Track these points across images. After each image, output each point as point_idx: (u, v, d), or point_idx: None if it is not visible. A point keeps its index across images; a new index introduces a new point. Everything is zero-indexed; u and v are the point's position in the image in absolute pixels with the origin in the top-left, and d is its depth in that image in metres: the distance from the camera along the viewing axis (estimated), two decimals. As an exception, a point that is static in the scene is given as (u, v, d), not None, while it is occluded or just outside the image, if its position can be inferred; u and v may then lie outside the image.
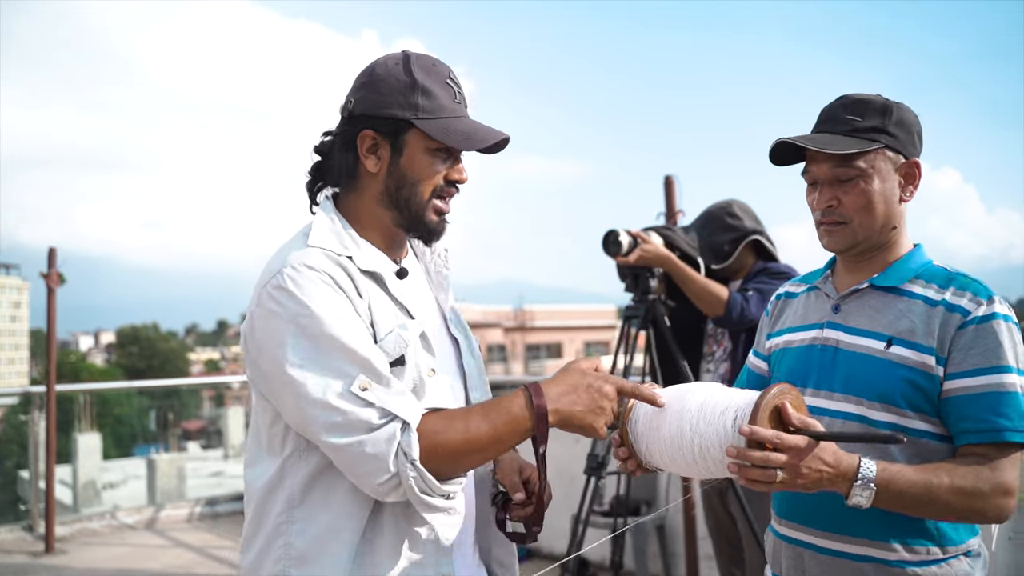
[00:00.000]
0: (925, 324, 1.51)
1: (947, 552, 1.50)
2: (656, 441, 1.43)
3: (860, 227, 1.57)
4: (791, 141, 1.59)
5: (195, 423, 23.94)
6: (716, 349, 3.25)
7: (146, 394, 12.13)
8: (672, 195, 4.34)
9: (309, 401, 1.30)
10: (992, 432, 1.44)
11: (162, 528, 6.92)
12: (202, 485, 8.67)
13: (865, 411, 1.53)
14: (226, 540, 6.48)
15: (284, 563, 1.39)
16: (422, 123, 1.43)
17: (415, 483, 1.29)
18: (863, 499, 1.37)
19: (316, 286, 1.35)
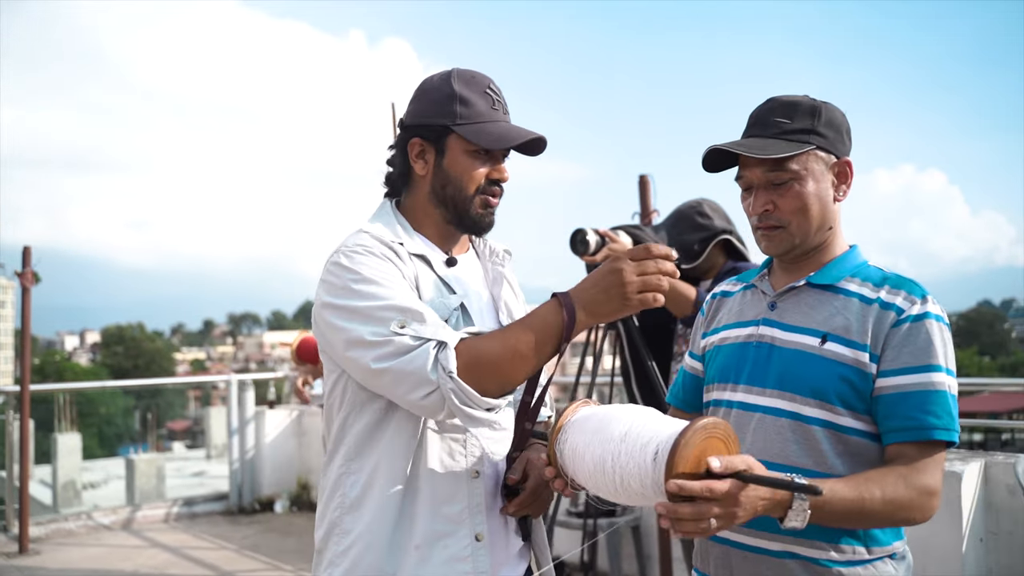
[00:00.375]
0: (860, 322, 1.53)
1: (872, 553, 1.51)
2: (581, 467, 1.41)
3: (797, 230, 1.58)
4: (722, 148, 1.59)
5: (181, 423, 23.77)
6: (685, 349, 3.23)
7: (131, 394, 12.08)
8: (647, 195, 4.33)
9: (356, 342, 1.47)
10: (920, 430, 1.46)
11: (138, 528, 6.87)
12: (182, 485, 8.65)
13: (798, 407, 1.53)
14: (202, 540, 6.44)
15: (339, 511, 1.57)
16: (459, 128, 1.61)
17: (454, 395, 1.41)
18: (798, 523, 1.35)
19: (366, 257, 1.55)
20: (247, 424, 7.74)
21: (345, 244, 1.60)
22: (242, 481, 7.61)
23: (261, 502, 7.54)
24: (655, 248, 1.45)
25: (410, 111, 1.69)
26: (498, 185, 1.67)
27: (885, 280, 1.57)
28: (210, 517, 7.33)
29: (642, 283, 1.43)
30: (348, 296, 1.51)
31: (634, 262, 1.44)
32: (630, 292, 1.43)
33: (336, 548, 1.57)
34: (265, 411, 7.80)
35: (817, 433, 1.52)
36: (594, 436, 1.40)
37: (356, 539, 1.54)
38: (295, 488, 7.67)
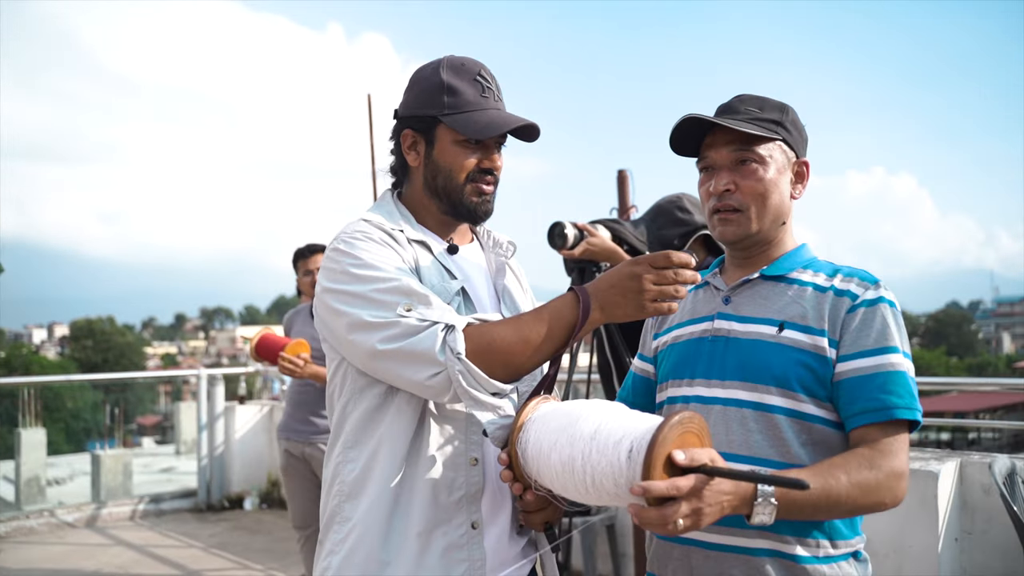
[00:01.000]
0: (816, 309, 1.54)
1: (837, 547, 1.50)
2: (547, 467, 1.35)
3: (756, 216, 1.59)
4: (697, 116, 1.58)
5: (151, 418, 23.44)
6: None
7: (100, 388, 11.88)
8: (625, 190, 4.28)
9: (360, 325, 1.46)
10: (882, 411, 1.45)
11: (103, 526, 6.74)
12: (150, 482, 8.51)
13: (760, 396, 1.52)
14: (169, 538, 6.33)
15: (339, 499, 1.55)
16: (447, 118, 1.60)
17: (462, 377, 1.40)
18: (766, 516, 1.31)
19: (364, 242, 1.54)
20: (217, 420, 7.63)
21: (344, 231, 1.59)
22: (211, 478, 7.50)
23: (230, 499, 7.44)
24: (675, 256, 1.42)
25: (402, 102, 1.69)
26: (490, 173, 1.65)
27: (837, 271, 1.59)
28: (178, 514, 7.21)
29: (659, 292, 1.42)
30: (349, 281, 1.51)
31: (654, 269, 1.42)
32: (647, 299, 1.42)
33: (335, 536, 1.55)
34: (236, 406, 7.69)
35: (781, 422, 1.50)
36: (560, 434, 1.34)
37: (354, 526, 1.52)
38: (265, 485, 7.57)
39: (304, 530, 4.22)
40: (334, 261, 1.55)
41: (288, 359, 3.91)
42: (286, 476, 4.28)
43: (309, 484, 4.19)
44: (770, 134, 1.58)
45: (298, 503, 4.23)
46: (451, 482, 1.53)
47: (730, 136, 1.59)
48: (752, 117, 1.59)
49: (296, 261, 4.41)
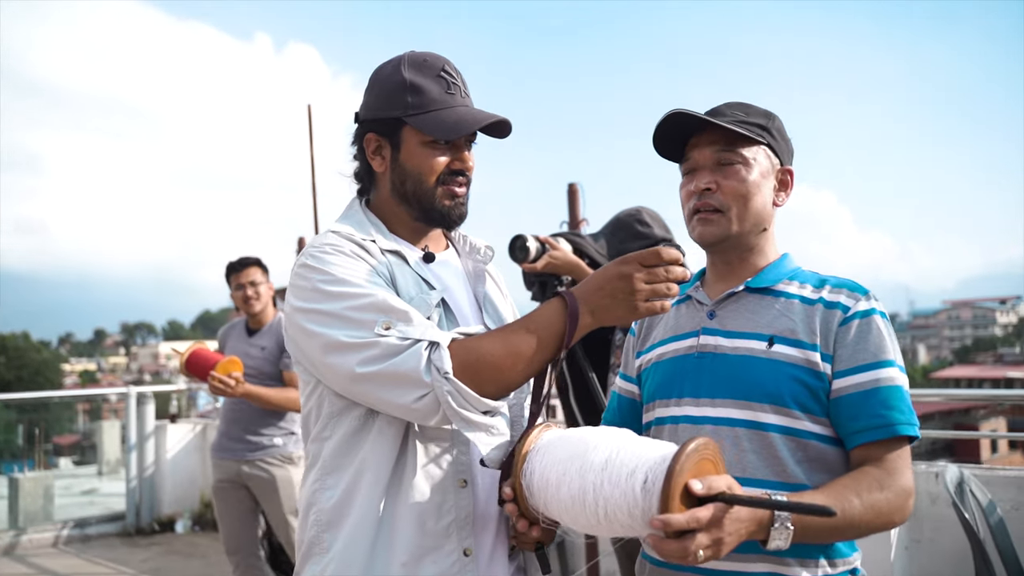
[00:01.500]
0: (805, 322, 1.50)
1: (835, 566, 1.47)
2: (555, 499, 1.29)
3: (736, 217, 1.55)
4: (683, 111, 1.56)
5: (68, 438, 22.60)
6: (624, 360, 3.17)
7: (14, 407, 11.33)
8: (576, 203, 4.29)
9: (336, 346, 1.37)
10: (885, 428, 1.43)
11: (23, 554, 6.40)
12: (72, 505, 8.11)
13: (754, 414, 1.48)
14: (97, 565, 6.04)
15: (316, 529, 1.46)
16: (412, 119, 1.51)
17: (452, 398, 1.32)
18: (782, 542, 1.28)
19: (335, 256, 1.45)
20: (147, 439, 7.34)
21: (312, 245, 1.50)
22: (140, 500, 7.21)
23: (161, 522, 7.16)
24: (666, 253, 1.37)
25: (363, 104, 1.60)
26: (462, 174, 1.57)
27: (824, 281, 1.56)
28: (105, 539, 6.91)
29: (651, 291, 1.37)
30: (321, 299, 1.42)
31: (645, 268, 1.37)
32: (639, 300, 1.37)
33: (314, 568, 1.45)
34: (166, 425, 7.42)
35: (775, 440, 1.47)
36: (569, 465, 1.28)
37: (333, 557, 1.43)
38: (198, 506, 7.31)
39: (236, 555, 4.08)
40: (303, 278, 1.46)
41: (219, 378, 3.76)
42: (217, 498, 4.11)
43: (243, 506, 4.06)
44: (755, 136, 1.56)
45: (230, 526, 4.08)
46: (439, 507, 1.44)
47: (714, 137, 1.57)
48: (738, 120, 1.57)
49: (228, 275, 4.22)
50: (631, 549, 3.14)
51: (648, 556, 1.61)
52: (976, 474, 3.40)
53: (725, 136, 1.56)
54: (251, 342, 4.10)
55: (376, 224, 1.58)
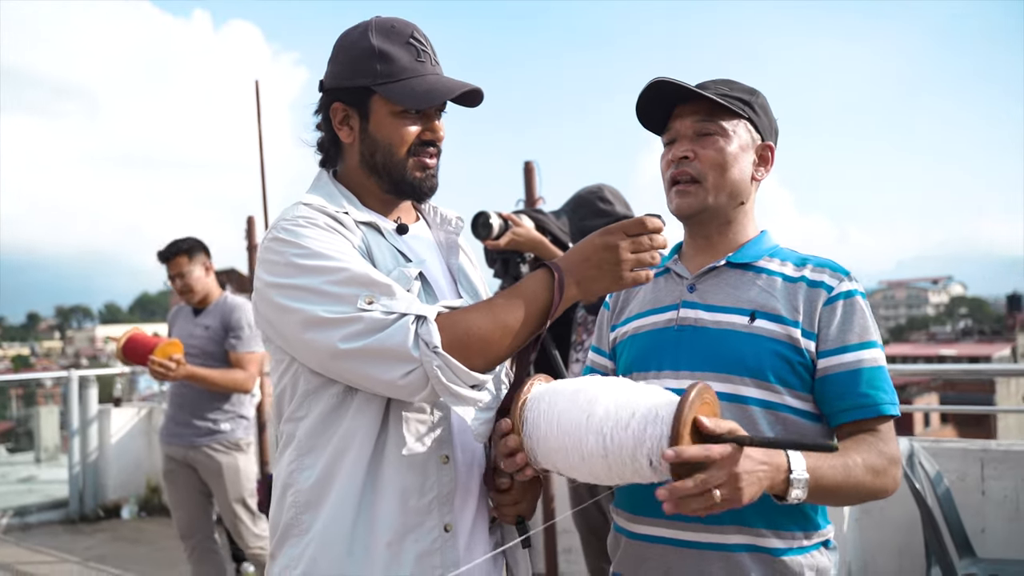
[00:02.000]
0: (787, 299, 1.52)
1: (810, 538, 1.50)
2: (556, 448, 1.30)
3: (713, 188, 1.56)
4: (667, 80, 1.56)
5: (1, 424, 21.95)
6: (587, 338, 3.17)
7: (-58, 394, 10.95)
8: (532, 181, 4.26)
9: (316, 322, 1.32)
10: (871, 407, 1.46)
11: (-39, 543, 6.18)
12: (10, 493, 7.87)
13: (735, 388, 1.50)
14: (39, 554, 5.87)
15: (295, 510, 1.42)
16: (381, 88, 1.47)
17: (441, 372, 1.29)
18: (801, 491, 1.29)
19: (308, 229, 1.39)
20: (90, 424, 7.15)
21: (283, 218, 1.44)
22: (84, 486, 7.03)
23: (106, 508, 6.99)
24: (649, 222, 1.37)
25: (328, 72, 1.54)
26: (432, 145, 1.53)
27: (805, 260, 1.58)
28: (47, 527, 6.72)
29: (636, 260, 1.37)
30: (297, 273, 1.36)
31: (629, 237, 1.36)
32: (624, 270, 1.37)
33: (292, 551, 1.41)
34: (110, 409, 7.23)
35: (755, 413, 1.48)
36: (571, 411, 1.29)
37: (313, 538, 1.39)
38: (144, 491, 7.16)
39: (190, 539, 4.01)
40: (275, 252, 1.40)
41: (159, 362, 3.68)
42: (168, 483, 4.05)
43: (193, 491, 4.01)
44: (736, 109, 1.57)
45: (183, 511, 4.02)
46: (421, 484, 1.42)
47: (696, 107, 1.58)
48: (720, 93, 1.58)
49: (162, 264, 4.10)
50: (594, 524, 3.16)
51: (623, 529, 1.61)
52: (924, 446, 3.51)
53: (706, 107, 1.57)
54: (196, 322, 4.02)
55: (347, 195, 1.53)
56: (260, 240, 1.49)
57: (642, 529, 1.56)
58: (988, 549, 3.35)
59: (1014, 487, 3.39)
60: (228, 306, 4.00)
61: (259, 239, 6.30)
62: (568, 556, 4.55)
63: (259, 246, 1.46)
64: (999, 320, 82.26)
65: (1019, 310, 74.04)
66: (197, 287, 3.99)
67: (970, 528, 3.33)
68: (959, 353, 47.18)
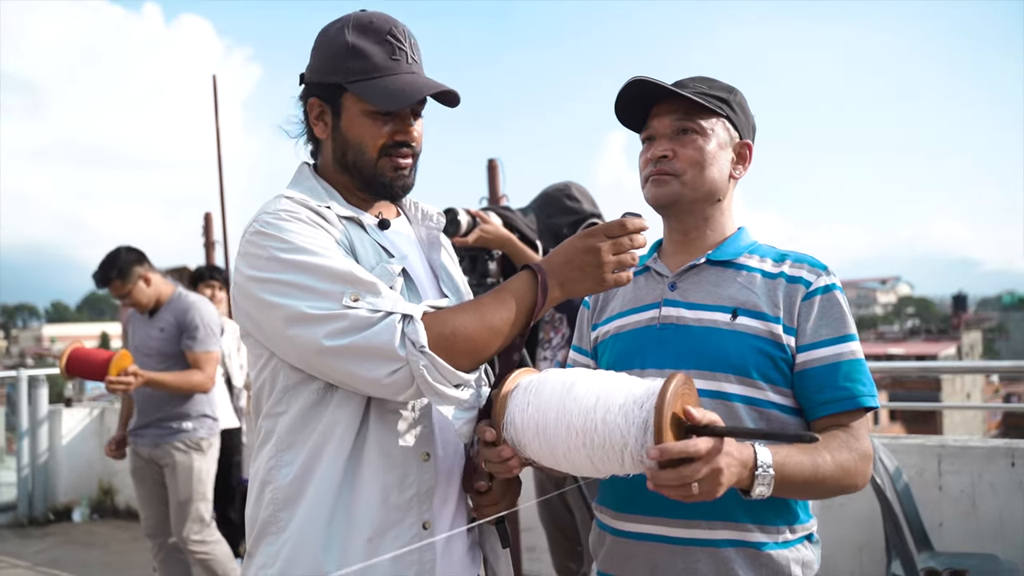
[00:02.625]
0: (767, 295, 1.54)
1: (795, 531, 1.52)
2: (539, 439, 1.30)
3: (690, 183, 1.58)
4: (646, 79, 1.57)
5: (-57, 426, 21.29)
6: (554, 336, 3.17)
7: None
8: (496, 179, 4.27)
9: (301, 319, 1.31)
10: (850, 399, 1.48)
11: (-95, 549, 5.98)
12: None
13: (719, 385, 1.51)
14: (-8, 557, 5.71)
15: (273, 508, 1.40)
16: (353, 86, 1.44)
17: (427, 371, 1.29)
18: (766, 488, 1.31)
19: (292, 223, 1.37)
20: (39, 425, 6.96)
21: (264, 211, 1.41)
22: (33, 488, 6.84)
23: (56, 511, 6.82)
24: (630, 223, 1.39)
25: (309, 65, 1.52)
26: (406, 146, 1.50)
27: (784, 256, 1.59)
28: (3, 530, 6.52)
29: (618, 262, 1.39)
30: (280, 268, 1.34)
31: (610, 239, 1.37)
32: (606, 272, 1.38)
33: (269, 548, 1.40)
34: (61, 410, 7.06)
35: (738, 410, 1.50)
36: (554, 403, 1.29)
37: (291, 535, 1.38)
38: (96, 493, 7.00)
39: (157, 538, 3.98)
40: (257, 246, 1.37)
41: (116, 382, 3.66)
42: (136, 480, 4.02)
43: (161, 489, 3.97)
44: (714, 107, 1.58)
45: (150, 510, 3.98)
46: (401, 480, 1.40)
47: (674, 106, 1.59)
48: (698, 92, 1.58)
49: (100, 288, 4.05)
50: (561, 523, 3.16)
51: (607, 527, 1.61)
52: (884, 443, 3.58)
53: (685, 106, 1.58)
54: (151, 324, 3.98)
55: (328, 190, 1.51)
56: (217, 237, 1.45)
57: (627, 526, 1.56)
58: (945, 543, 3.43)
59: (970, 482, 3.47)
60: (182, 306, 3.95)
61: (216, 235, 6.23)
62: (532, 554, 4.55)
63: (240, 239, 1.43)
64: (945, 320, 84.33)
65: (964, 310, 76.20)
66: (143, 300, 3.94)
67: (928, 522, 3.40)
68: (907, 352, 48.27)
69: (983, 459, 3.48)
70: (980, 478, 3.47)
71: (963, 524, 3.47)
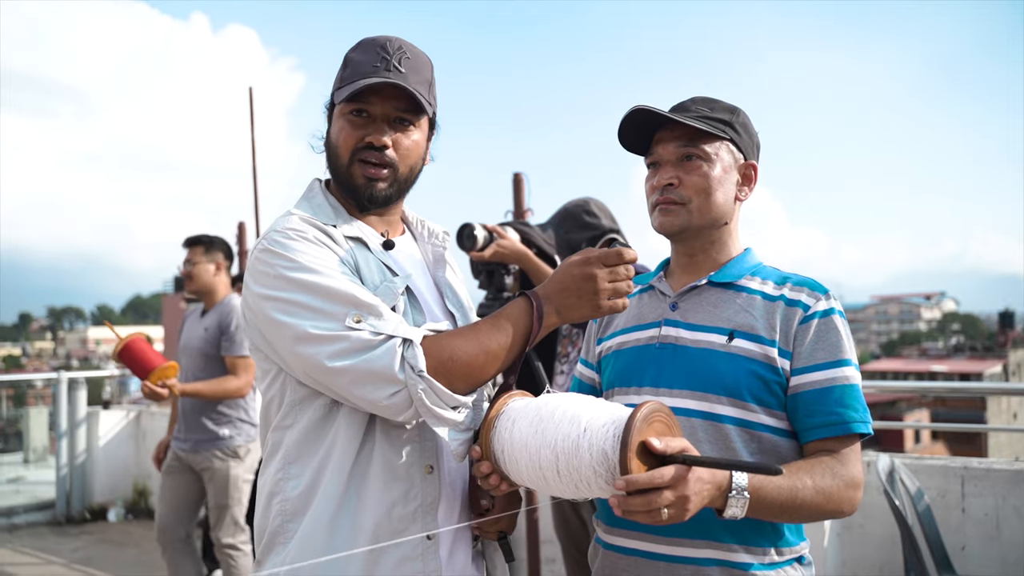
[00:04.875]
0: (765, 318, 1.54)
1: (783, 554, 1.52)
2: (523, 463, 1.33)
3: (697, 210, 1.59)
4: (646, 108, 1.58)
5: (-10, 425, 21.76)
6: (571, 350, 3.20)
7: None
8: (521, 193, 4.28)
9: (307, 339, 1.34)
10: (840, 425, 1.48)
11: (-53, 544, 6.16)
12: (-2, 494, 7.86)
13: (711, 406, 1.52)
14: (24, 555, 5.86)
15: (281, 519, 1.44)
16: (337, 92, 1.50)
17: (425, 395, 1.32)
18: (738, 510, 1.32)
19: (299, 243, 1.41)
20: (78, 426, 7.13)
21: (273, 228, 1.46)
22: (71, 488, 7.01)
23: (93, 511, 6.98)
24: (627, 253, 1.41)
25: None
26: (377, 150, 1.49)
27: (786, 279, 1.60)
28: (33, 528, 6.70)
29: (613, 289, 1.41)
30: (287, 287, 1.38)
31: (606, 267, 1.40)
32: (602, 299, 1.41)
33: (276, 559, 1.43)
34: (99, 412, 7.23)
35: (730, 431, 1.51)
36: (533, 429, 1.33)
37: (297, 544, 1.41)
38: (131, 495, 7.14)
39: (166, 536, 4.05)
40: (265, 264, 1.41)
41: (149, 388, 3.80)
42: (165, 475, 4.13)
43: (185, 491, 4.07)
44: (718, 132, 1.58)
45: (168, 507, 4.07)
46: (405, 493, 1.43)
47: (678, 132, 1.59)
48: (701, 115, 1.59)
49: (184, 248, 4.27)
50: (575, 536, 3.18)
51: (601, 540, 1.64)
52: (905, 463, 3.53)
53: (688, 132, 1.58)
54: (200, 323, 4.14)
55: (336, 207, 1.54)
56: (251, 247, 1.50)
57: (616, 540, 1.59)
58: (968, 567, 3.37)
59: (995, 505, 3.41)
60: (226, 309, 4.09)
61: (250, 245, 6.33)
62: (552, 567, 4.56)
63: (250, 256, 1.48)
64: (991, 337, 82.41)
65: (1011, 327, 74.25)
66: (202, 277, 4.12)
67: (950, 545, 3.35)
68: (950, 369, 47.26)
69: (1008, 482, 3.42)
70: (1005, 501, 3.41)
71: (986, 548, 3.41)
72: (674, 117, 1.57)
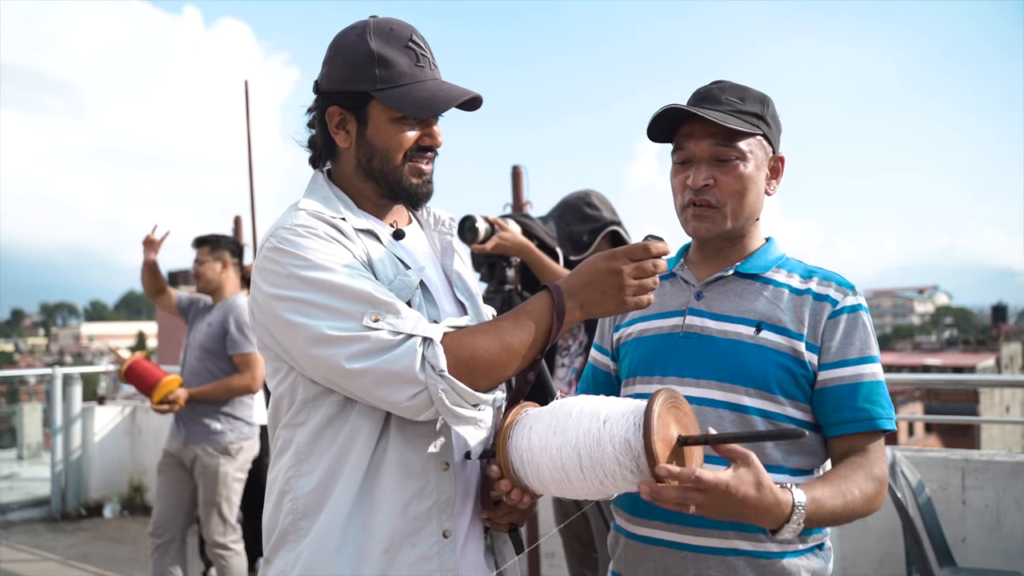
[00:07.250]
0: (792, 311, 1.53)
1: (806, 541, 1.52)
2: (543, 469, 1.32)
3: (731, 213, 1.57)
4: (683, 108, 1.54)
5: (-18, 421, 21.72)
6: (572, 343, 3.19)
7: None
8: (520, 186, 4.27)
9: (323, 340, 1.31)
10: (868, 421, 1.49)
11: (-59, 541, 6.13)
12: (-9, 490, 7.82)
13: (738, 398, 1.51)
14: (19, 552, 5.83)
15: (292, 517, 1.41)
16: (380, 94, 1.44)
17: (445, 395, 1.29)
18: (790, 534, 1.31)
19: (310, 239, 1.38)
20: (73, 422, 7.10)
21: (281, 225, 1.41)
22: (66, 484, 6.98)
23: (88, 507, 6.95)
24: (653, 247, 1.38)
25: (325, 75, 1.51)
26: (430, 151, 1.52)
27: (812, 273, 1.59)
28: (28, 525, 6.67)
29: (639, 285, 1.38)
30: (300, 287, 1.34)
31: (632, 263, 1.37)
32: (627, 295, 1.38)
33: (288, 556, 1.41)
34: (94, 407, 7.20)
35: (756, 423, 1.50)
36: (553, 431, 1.31)
37: (310, 543, 1.39)
38: (127, 490, 7.12)
39: (161, 535, 4.03)
40: (275, 263, 1.37)
41: (161, 409, 3.94)
42: (159, 474, 4.13)
43: (180, 488, 4.07)
44: (752, 129, 1.54)
45: (164, 504, 4.05)
46: (421, 490, 1.41)
47: (711, 128, 1.54)
48: (734, 109, 1.55)
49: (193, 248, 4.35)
50: (577, 531, 3.17)
51: (622, 529, 1.62)
52: (906, 455, 3.53)
53: (722, 127, 1.53)
54: (205, 318, 4.20)
55: (344, 200, 1.51)
56: (247, 241, 1.48)
57: (641, 530, 1.58)
58: (968, 559, 3.37)
59: (995, 497, 3.41)
60: (231, 305, 4.15)
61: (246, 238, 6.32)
62: (551, 560, 4.55)
63: (257, 253, 1.44)
64: (984, 330, 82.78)
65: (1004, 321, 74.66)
66: (209, 275, 4.21)
67: (951, 537, 3.35)
68: (944, 363, 47.41)
69: (1008, 474, 3.42)
70: (1005, 493, 3.41)
71: (987, 540, 3.41)
72: (713, 118, 1.51)
